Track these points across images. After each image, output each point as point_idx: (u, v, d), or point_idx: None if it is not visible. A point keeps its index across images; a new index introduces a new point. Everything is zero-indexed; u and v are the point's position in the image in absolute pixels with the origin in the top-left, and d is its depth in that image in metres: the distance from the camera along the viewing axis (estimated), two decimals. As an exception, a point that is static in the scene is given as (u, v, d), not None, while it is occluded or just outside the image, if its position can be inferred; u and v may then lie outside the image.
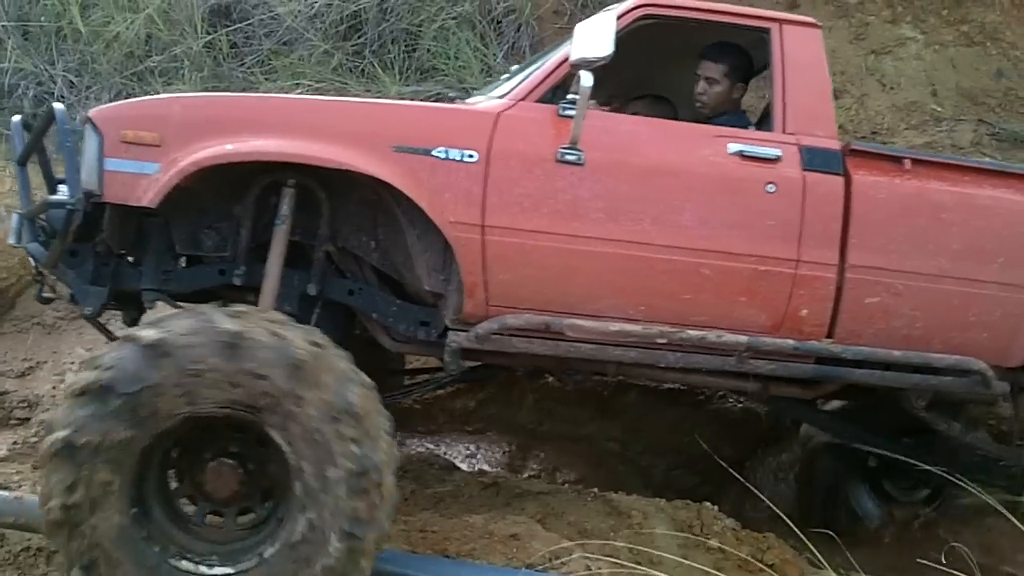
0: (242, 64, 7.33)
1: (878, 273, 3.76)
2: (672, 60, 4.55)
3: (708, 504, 4.44)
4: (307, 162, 3.43)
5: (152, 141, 3.39)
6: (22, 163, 3.67)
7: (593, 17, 3.58)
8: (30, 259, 3.75)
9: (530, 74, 3.82)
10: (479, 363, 4.47)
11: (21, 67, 7.48)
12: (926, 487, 5.30)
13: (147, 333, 3.01)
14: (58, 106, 3.48)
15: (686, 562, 3.72)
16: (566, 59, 3.61)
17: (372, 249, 3.83)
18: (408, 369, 5.48)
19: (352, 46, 7.14)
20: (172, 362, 2.97)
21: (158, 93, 7.14)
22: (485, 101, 3.84)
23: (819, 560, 3.39)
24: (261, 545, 3.13)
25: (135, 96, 7.12)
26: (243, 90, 7.18)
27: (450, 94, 6.62)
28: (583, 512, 4.30)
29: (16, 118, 3.83)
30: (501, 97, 3.75)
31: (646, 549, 3.81)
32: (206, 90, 7.16)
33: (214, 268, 3.74)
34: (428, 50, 6.91)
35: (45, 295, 3.93)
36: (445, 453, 6.06)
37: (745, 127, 4.09)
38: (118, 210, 3.49)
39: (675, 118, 4.43)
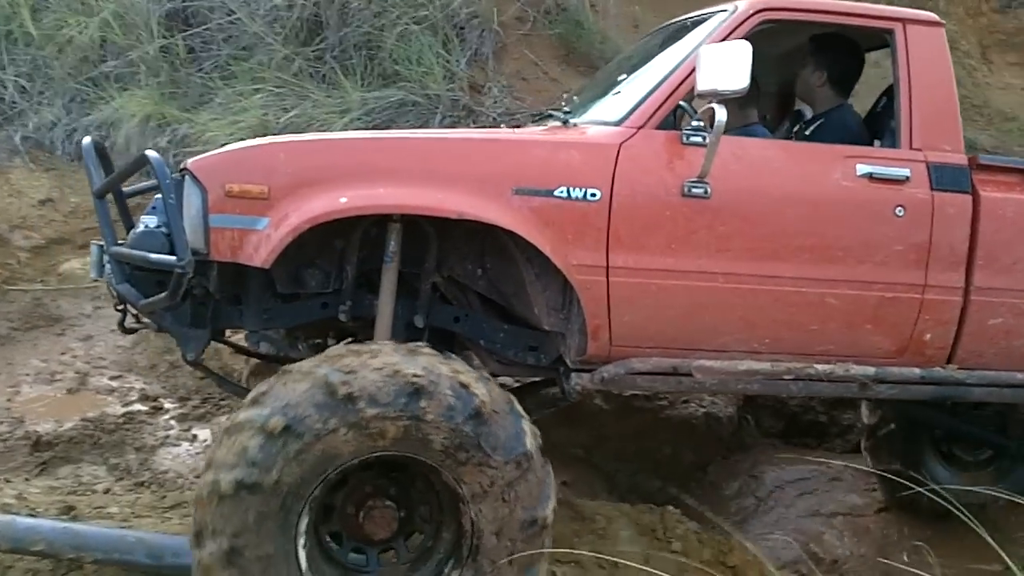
0: (200, 69, 7.22)
1: (1002, 294, 3.68)
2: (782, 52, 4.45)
3: (671, 508, 4.45)
4: (427, 213, 3.25)
5: (260, 195, 3.14)
6: (100, 196, 3.43)
7: (722, 44, 3.30)
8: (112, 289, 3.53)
9: (643, 96, 3.57)
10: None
11: (-32, 72, 7.31)
12: (989, 448, 5.29)
13: (335, 376, 2.89)
14: (153, 155, 3.19)
15: (648, 569, 3.70)
16: (685, 79, 3.46)
17: (478, 277, 3.65)
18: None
19: (313, 51, 7.04)
20: (359, 407, 2.86)
21: (113, 99, 7.06)
22: (596, 128, 3.61)
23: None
24: None
25: (89, 101, 7.04)
26: (201, 96, 7.11)
27: (415, 102, 6.58)
28: (548, 518, 4.28)
29: (87, 140, 3.59)
30: (617, 123, 3.53)
31: (609, 556, 3.79)
32: (162, 96, 7.07)
33: (316, 303, 3.55)
34: (390, 55, 6.83)
35: (129, 326, 3.73)
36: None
37: (854, 124, 4.01)
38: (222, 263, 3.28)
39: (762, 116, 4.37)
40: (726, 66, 3.17)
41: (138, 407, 5.49)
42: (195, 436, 5.34)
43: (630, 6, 7.59)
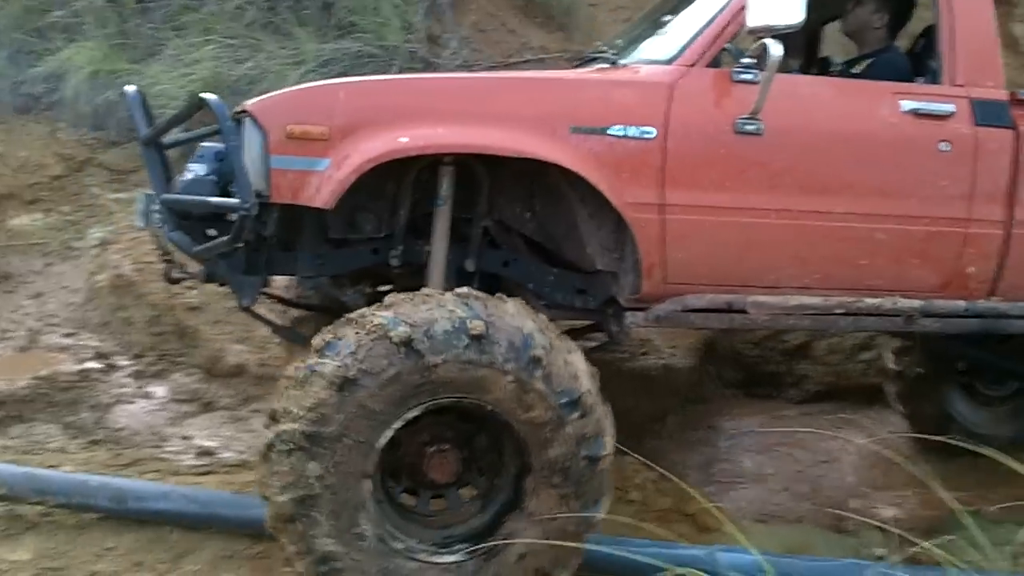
0: (149, 20, 7.06)
1: None
2: None
3: (629, 458, 4.48)
4: (489, 152, 3.25)
5: (320, 135, 3.15)
6: (148, 144, 3.40)
7: None
8: (160, 241, 3.52)
9: (694, 34, 3.58)
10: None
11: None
12: (1012, 383, 5.45)
13: (399, 329, 2.91)
14: (211, 97, 3.16)
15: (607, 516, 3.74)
16: (735, 17, 3.46)
17: (528, 220, 3.67)
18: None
19: (266, 1, 6.91)
20: (423, 356, 2.91)
21: (60, 50, 6.88)
22: (649, 67, 3.61)
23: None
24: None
25: (36, 53, 6.86)
26: (151, 47, 6.95)
27: (372, 54, 6.47)
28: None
29: (131, 88, 3.53)
30: (667, 61, 3.54)
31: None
32: (111, 47, 6.90)
33: (367, 249, 3.57)
34: (346, 6, 6.72)
35: (176, 275, 3.68)
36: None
37: (904, 67, 4.02)
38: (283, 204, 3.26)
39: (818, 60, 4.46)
40: (778, 1, 3.18)
41: (92, 365, 5.37)
42: (150, 393, 5.27)
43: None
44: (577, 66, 4.40)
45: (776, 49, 3.20)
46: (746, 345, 6.36)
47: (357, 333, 2.95)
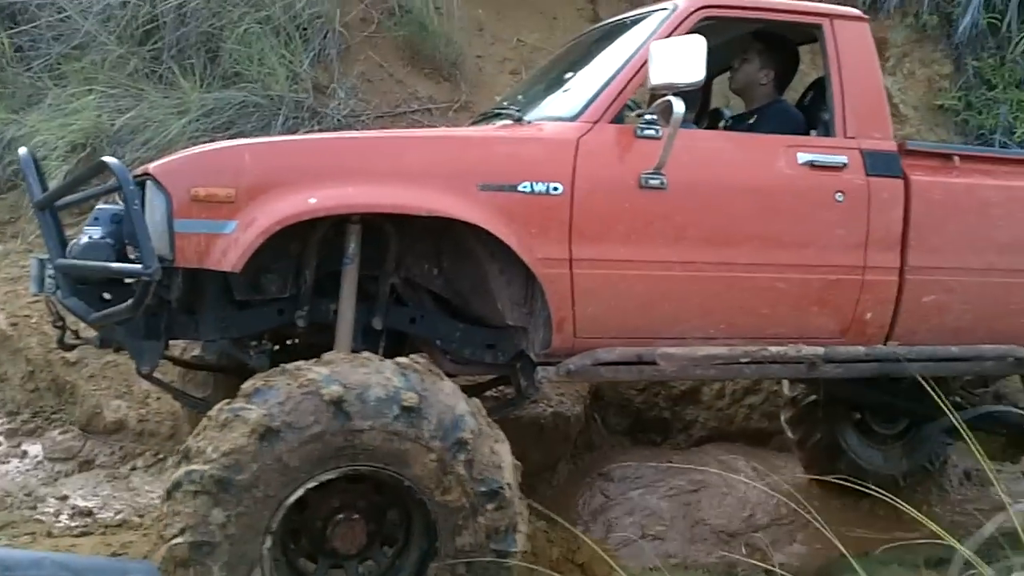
0: (28, 68, 6.88)
1: (934, 272, 3.89)
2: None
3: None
4: (400, 211, 3.24)
5: (226, 198, 3.09)
6: (43, 208, 3.28)
7: (674, 38, 3.43)
8: (53, 307, 3.43)
9: (596, 91, 3.63)
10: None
11: None
12: (902, 421, 5.60)
13: (332, 388, 2.88)
14: (113, 161, 3.06)
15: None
16: (637, 73, 3.54)
17: (435, 277, 3.66)
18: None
19: (149, 51, 6.76)
20: (351, 419, 2.88)
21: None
22: (553, 124, 3.64)
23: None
24: None
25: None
26: (30, 97, 6.79)
27: (258, 104, 6.42)
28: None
29: (23, 150, 3.44)
30: (571, 119, 3.58)
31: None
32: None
33: (273, 310, 3.51)
34: (231, 55, 6.65)
35: (70, 342, 3.58)
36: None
37: (796, 120, 4.13)
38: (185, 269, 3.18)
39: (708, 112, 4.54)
40: (681, 59, 3.27)
41: (-36, 423, 5.22)
42: (25, 452, 5.10)
43: (474, 9, 7.59)
44: (478, 122, 4.43)
45: (679, 106, 3.29)
46: (632, 392, 6.43)
47: (288, 384, 2.91)
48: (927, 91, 7.88)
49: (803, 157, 3.74)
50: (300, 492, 2.94)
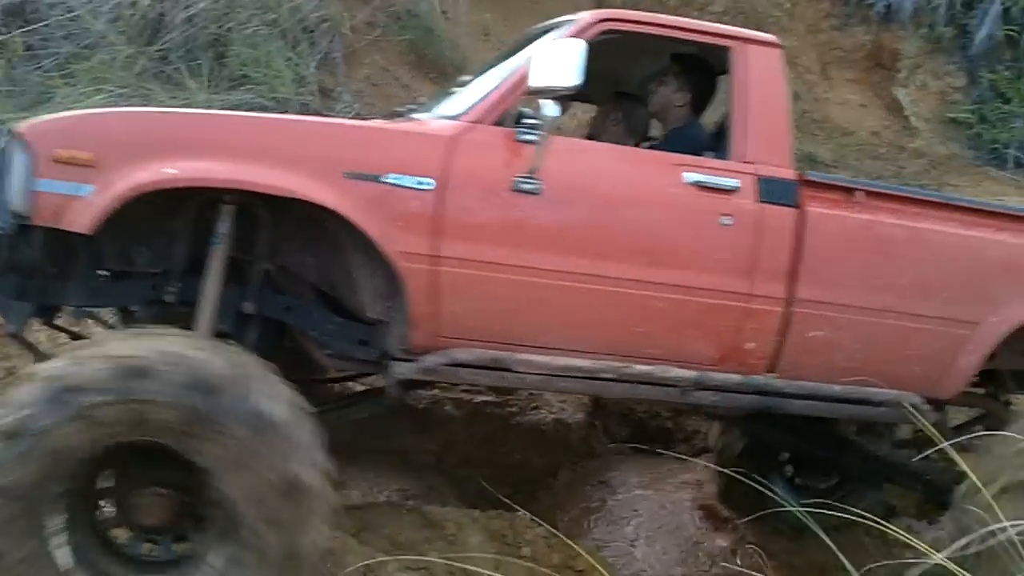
0: (39, 67, 6.94)
1: (824, 307, 3.73)
2: (642, 60, 4.48)
3: (521, 513, 4.47)
4: (254, 189, 3.23)
5: (87, 161, 3.12)
6: None
7: (556, 41, 3.39)
8: None
9: (484, 94, 3.64)
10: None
11: None
12: (833, 476, 5.42)
13: (56, 371, 2.86)
14: None
15: (497, 575, 3.72)
16: (523, 80, 3.47)
17: (311, 267, 3.64)
18: (333, 378, 5.12)
19: (157, 51, 6.84)
20: (78, 398, 2.81)
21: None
22: (436, 122, 3.66)
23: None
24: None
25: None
26: (40, 95, 6.83)
27: (264, 106, 6.45)
28: (398, 525, 4.26)
29: None
30: (454, 118, 3.58)
31: (460, 564, 3.79)
32: (-1, 95, 6.76)
33: (146, 284, 3.51)
34: (238, 57, 6.70)
35: None
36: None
37: (702, 142, 4.04)
38: (48, 229, 3.21)
39: (646, 116, 4.46)
40: (558, 63, 3.24)
41: None
42: None
43: (480, 14, 7.63)
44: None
45: (551, 109, 3.29)
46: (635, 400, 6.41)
47: (21, 384, 2.90)
48: (940, 103, 7.82)
49: (690, 177, 3.64)
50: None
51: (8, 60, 6.94)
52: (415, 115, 3.78)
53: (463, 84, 4.15)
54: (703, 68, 4.28)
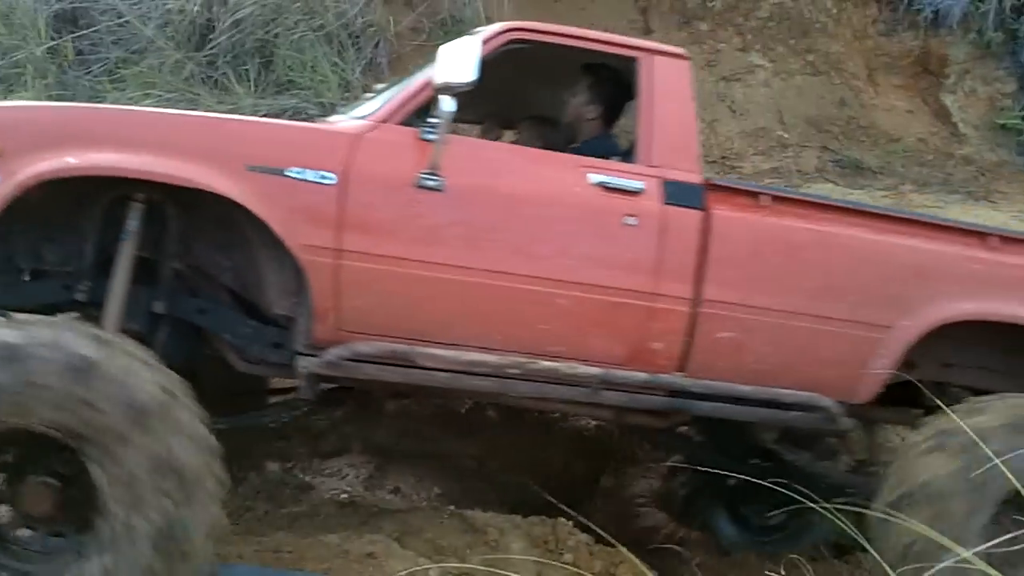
0: (88, 72, 7.08)
1: (732, 308, 3.73)
2: (556, 79, 4.49)
3: (563, 519, 4.46)
4: (154, 179, 3.30)
5: None
6: None
7: (458, 40, 3.49)
8: None
9: (393, 95, 3.75)
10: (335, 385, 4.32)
11: None
12: (782, 511, 5.21)
13: (5, 335, 2.90)
14: None
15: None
16: (429, 81, 3.54)
17: (225, 268, 3.70)
18: (273, 389, 5.29)
19: (205, 56, 6.96)
20: (20, 369, 2.85)
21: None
22: (346, 121, 3.77)
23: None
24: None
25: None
26: (90, 99, 6.95)
27: (309, 111, 6.52)
28: (440, 530, 4.29)
29: None
30: (363, 118, 3.67)
31: (501, 570, 3.77)
32: (51, 98, 6.89)
33: (58, 283, 3.55)
34: (284, 63, 6.77)
35: None
36: (300, 473, 5.94)
37: (613, 152, 4.07)
38: None
39: (557, 139, 4.44)
40: (456, 61, 3.32)
41: None
42: None
43: (525, 20, 7.62)
44: None
45: (447, 104, 3.35)
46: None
47: None
48: (989, 110, 7.68)
49: (594, 178, 3.68)
50: None
51: (59, 65, 7.12)
52: (321, 116, 3.90)
53: (376, 91, 4.28)
54: (615, 80, 4.27)
